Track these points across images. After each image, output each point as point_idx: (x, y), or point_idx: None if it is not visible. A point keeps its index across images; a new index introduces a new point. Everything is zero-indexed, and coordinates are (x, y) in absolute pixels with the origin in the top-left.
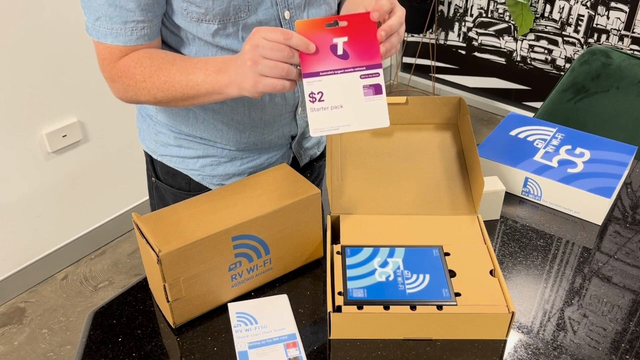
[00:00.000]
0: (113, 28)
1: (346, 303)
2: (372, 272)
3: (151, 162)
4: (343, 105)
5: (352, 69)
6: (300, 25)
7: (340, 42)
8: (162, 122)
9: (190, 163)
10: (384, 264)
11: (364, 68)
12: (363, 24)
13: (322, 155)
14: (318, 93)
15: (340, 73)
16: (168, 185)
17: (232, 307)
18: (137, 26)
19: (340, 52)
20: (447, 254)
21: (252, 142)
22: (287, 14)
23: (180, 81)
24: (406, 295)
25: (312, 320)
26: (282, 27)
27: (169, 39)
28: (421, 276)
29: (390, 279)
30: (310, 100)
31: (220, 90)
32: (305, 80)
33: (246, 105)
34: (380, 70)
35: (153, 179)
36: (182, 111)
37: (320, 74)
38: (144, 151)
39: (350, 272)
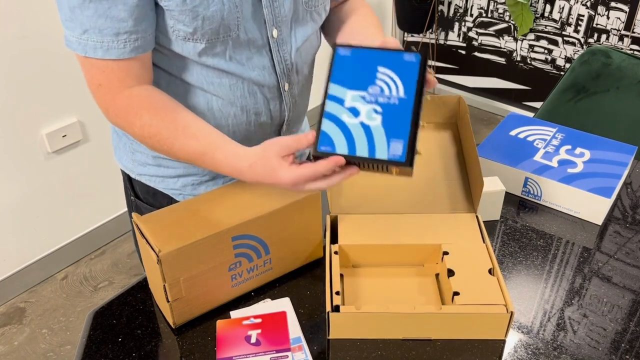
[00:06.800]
0: (104, 41)
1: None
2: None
3: (129, 181)
4: None
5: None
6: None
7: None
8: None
9: (170, 182)
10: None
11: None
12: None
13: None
14: None
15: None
16: (148, 205)
17: (235, 315)
18: (130, 37)
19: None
20: (446, 253)
21: None
22: (275, 32)
23: (197, 157)
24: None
25: (312, 320)
26: (270, 45)
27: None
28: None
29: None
30: None
31: (237, 177)
32: None
33: (230, 125)
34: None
35: (132, 197)
36: None
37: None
38: (121, 170)
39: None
